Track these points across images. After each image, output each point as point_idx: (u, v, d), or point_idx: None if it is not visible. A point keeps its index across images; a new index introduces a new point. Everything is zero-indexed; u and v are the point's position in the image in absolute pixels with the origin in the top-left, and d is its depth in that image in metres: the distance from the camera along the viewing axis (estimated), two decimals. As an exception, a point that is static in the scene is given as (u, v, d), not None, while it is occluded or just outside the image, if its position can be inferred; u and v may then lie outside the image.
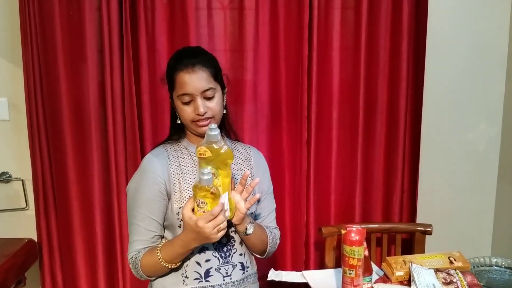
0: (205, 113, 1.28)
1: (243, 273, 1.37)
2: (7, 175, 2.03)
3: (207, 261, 1.32)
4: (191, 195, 1.27)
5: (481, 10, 2.11)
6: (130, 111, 1.90)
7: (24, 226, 2.04)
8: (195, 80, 1.27)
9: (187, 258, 1.31)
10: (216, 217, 1.17)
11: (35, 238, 2.00)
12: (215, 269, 1.32)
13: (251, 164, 1.46)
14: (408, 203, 2.14)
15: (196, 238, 1.20)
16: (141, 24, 1.86)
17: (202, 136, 1.32)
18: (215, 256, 1.33)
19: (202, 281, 1.32)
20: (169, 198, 1.32)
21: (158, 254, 1.27)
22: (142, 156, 1.75)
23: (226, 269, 1.34)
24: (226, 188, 1.23)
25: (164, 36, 1.91)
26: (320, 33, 1.97)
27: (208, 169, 1.16)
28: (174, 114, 1.39)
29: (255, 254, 1.45)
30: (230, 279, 1.34)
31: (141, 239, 1.31)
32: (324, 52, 1.98)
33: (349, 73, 2.03)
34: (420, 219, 2.13)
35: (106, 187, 1.97)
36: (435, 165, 2.20)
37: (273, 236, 1.46)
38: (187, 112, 1.30)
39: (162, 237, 1.36)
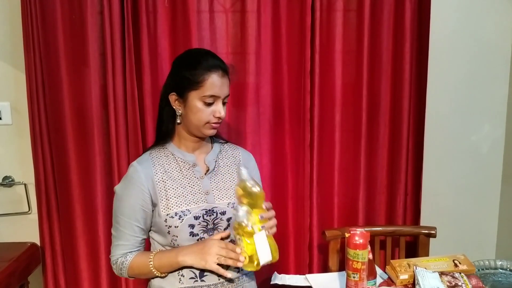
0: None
1: (238, 271, 1.39)
2: (10, 179, 2.03)
3: None
4: (177, 202, 1.33)
5: (484, 12, 2.11)
6: (133, 114, 1.90)
7: (26, 230, 2.04)
8: (224, 84, 1.34)
9: None
10: (228, 248, 1.26)
11: (38, 242, 2.00)
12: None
13: (240, 166, 1.47)
14: (411, 206, 2.13)
15: (196, 251, 1.27)
16: (143, 27, 1.86)
17: (200, 138, 1.40)
18: None
19: (197, 281, 1.34)
20: (155, 205, 1.35)
21: (151, 259, 1.32)
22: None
23: None
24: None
25: (166, 39, 1.90)
26: (323, 35, 1.96)
27: (243, 207, 1.23)
28: (168, 115, 1.39)
29: None
30: (225, 278, 1.36)
31: (125, 244, 1.36)
32: (326, 55, 1.98)
33: (351, 76, 2.03)
34: (424, 221, 2.12)
35: (108, 191, 1.97)
36: (438, 167, 2.19)
37: None
38: (206, 113, 1.32)
39: (149, 238, 1.42)
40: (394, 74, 2.02)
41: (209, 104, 1.32)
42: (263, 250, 1.22)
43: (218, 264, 1.27)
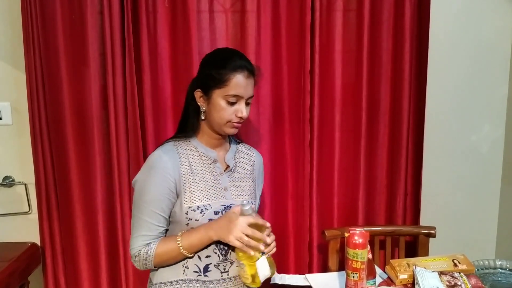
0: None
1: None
2: (10, 179, 2.03)
3: (207, 256, 1.37)
4: (200, 196, 1.36)
5: (484, 12, 2.11)
6: (132, 114, 1.90)
7: (27, 230, 2.04)
8: (249, 85, 1.36)
9: None
10: (256, 230, 1.28)
11: (38, 242, 2.00)
12: (214, 265, 1.37)
13: (254, 166, 1.54)
14: (411, 206, 2.13)
15: (223, 226, 1.28)
16: (143, 27, 1.87)
17: (221, 136, 1.43)
18: (216, 253, 1.37)
19: (200, 275, 1.37)
20: (177, 196, 1.36)
21: (179, 241, 1.32)
22: (145, 159, 1.74)
23: (224, 265, 1.39)
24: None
25: (166, 39, 1.91)
26: (322, 35, 1.97)
27: None
28: (194, 110, 1.41)
29: None
30: (228, 275, 1.39)
31: (149, 234, 1.35)
32: (326, 55, 1.98)
33: (351, 76, 2.03)
34: (423, 221, 2.12)
35: (108, 191, 1.97)
36: (438, 167, 2.19)
37: None
38: (228, 112, 1.35)
39: (167, 230, 1.41)
40: (394, 74, 2.03)
41: (232, 104, 1.35)
42: (263, 270, 1.30)
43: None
